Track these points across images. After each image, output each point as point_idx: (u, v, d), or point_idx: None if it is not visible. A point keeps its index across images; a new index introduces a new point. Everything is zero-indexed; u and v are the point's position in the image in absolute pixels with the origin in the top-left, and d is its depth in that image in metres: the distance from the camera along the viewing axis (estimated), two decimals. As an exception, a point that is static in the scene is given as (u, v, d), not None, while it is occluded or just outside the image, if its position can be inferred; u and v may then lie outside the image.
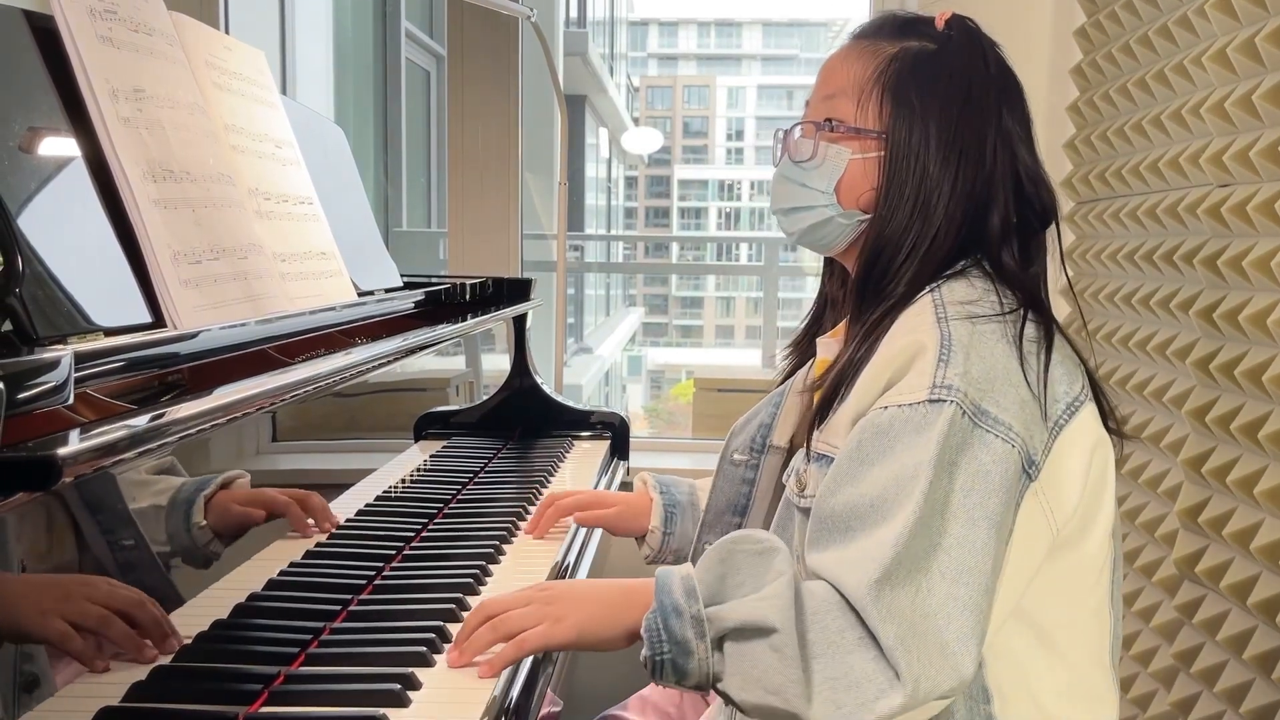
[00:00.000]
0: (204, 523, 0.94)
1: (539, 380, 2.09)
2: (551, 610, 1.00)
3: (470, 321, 1.74)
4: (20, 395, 0.69)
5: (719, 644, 0.93)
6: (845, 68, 1.14)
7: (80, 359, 0.78)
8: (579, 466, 1.89)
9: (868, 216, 1.12)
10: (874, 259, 1.10)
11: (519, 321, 2.08)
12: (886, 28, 1.15)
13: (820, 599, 0.93)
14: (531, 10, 2.39)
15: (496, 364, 2.04)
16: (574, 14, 11.31)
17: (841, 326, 1.17)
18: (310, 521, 1.14)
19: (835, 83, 1.14)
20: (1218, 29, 1.54)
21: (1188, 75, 1.64)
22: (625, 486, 1.92)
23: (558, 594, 1.02)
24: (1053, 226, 1.14)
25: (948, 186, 1.08)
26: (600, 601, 1.01)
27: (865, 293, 1.10)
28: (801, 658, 0.89)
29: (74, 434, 0.74)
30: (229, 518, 0.99)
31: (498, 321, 1.97)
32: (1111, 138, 1.94)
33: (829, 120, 1.13)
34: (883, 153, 1.10)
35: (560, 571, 1.34)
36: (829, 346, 1.17)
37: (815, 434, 1.07)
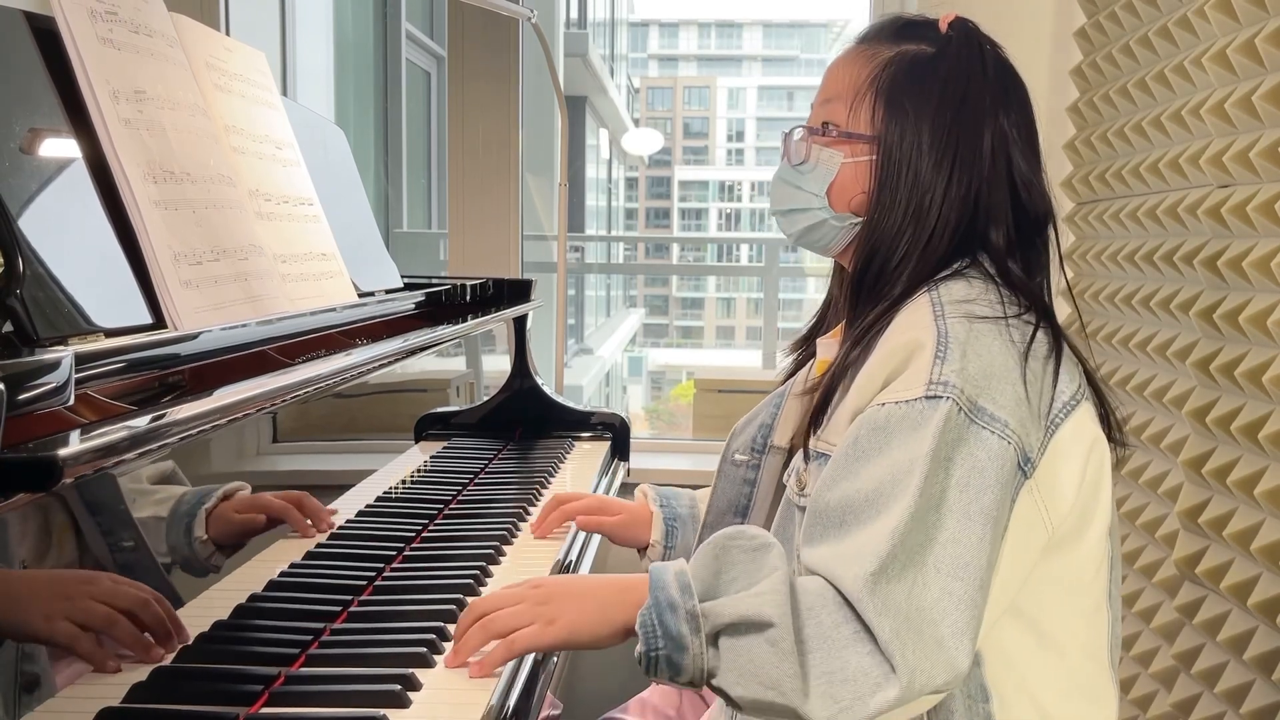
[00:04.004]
0: (205, 536, 0.95)
1: (539, 381, 2.09)
2: (544, 611, 0.99)
3: (470, 322, 1.74)
4: (21, 396, 0.69)
5: (714, 640, 0.93)
6: (844, 72, 1.15)
7: (81, 360, 0.78)
8: (579, 467, 1.89)
9: (860, 219, 1.13)
10: (868, 261, 1.10)
11: (519, 322, 2.08)
12: (887, 31, 1.16)
13: (815, 594, 0.93)
14: (532, 11, 2.39)
15: (497, 365, 2.04)
16: (574, 15, 11.30)
17: (840, 327, 1.18)
18: (309, 522, 1.14)
19: (833, 87, 1.15)
20: (1218, 30, 1.54)
21: (1187, 76, 1.64)
22: (625, 488, 1.92)
23: (551, 592, 1.01)
24: (1052, 233, 1.13)
25: (941, 190, 1.08)
26: (594, 598, 1.00)
27: (860, 294, 1.11)
28: (798, 652, 0.90)
29: (74, 435, 0.74)
30: (230, 528, 0.99)
31: (498, 322, 1.97)
32: (1112, 139, 1.94)
33: (824, 124, 1.14)
34: (874, 156, 1.11)
35: (561, 571, 1.34)
36: (829, 347, 1.18)
37: (815, 433, 1.07)
